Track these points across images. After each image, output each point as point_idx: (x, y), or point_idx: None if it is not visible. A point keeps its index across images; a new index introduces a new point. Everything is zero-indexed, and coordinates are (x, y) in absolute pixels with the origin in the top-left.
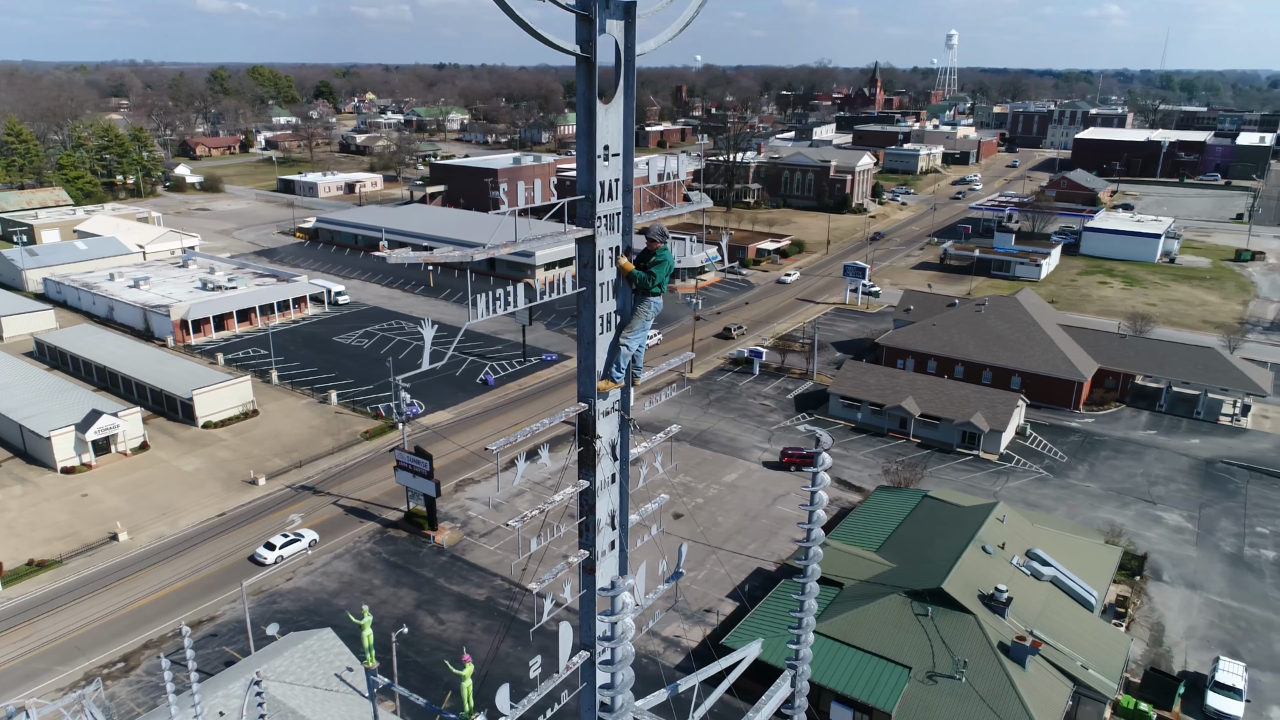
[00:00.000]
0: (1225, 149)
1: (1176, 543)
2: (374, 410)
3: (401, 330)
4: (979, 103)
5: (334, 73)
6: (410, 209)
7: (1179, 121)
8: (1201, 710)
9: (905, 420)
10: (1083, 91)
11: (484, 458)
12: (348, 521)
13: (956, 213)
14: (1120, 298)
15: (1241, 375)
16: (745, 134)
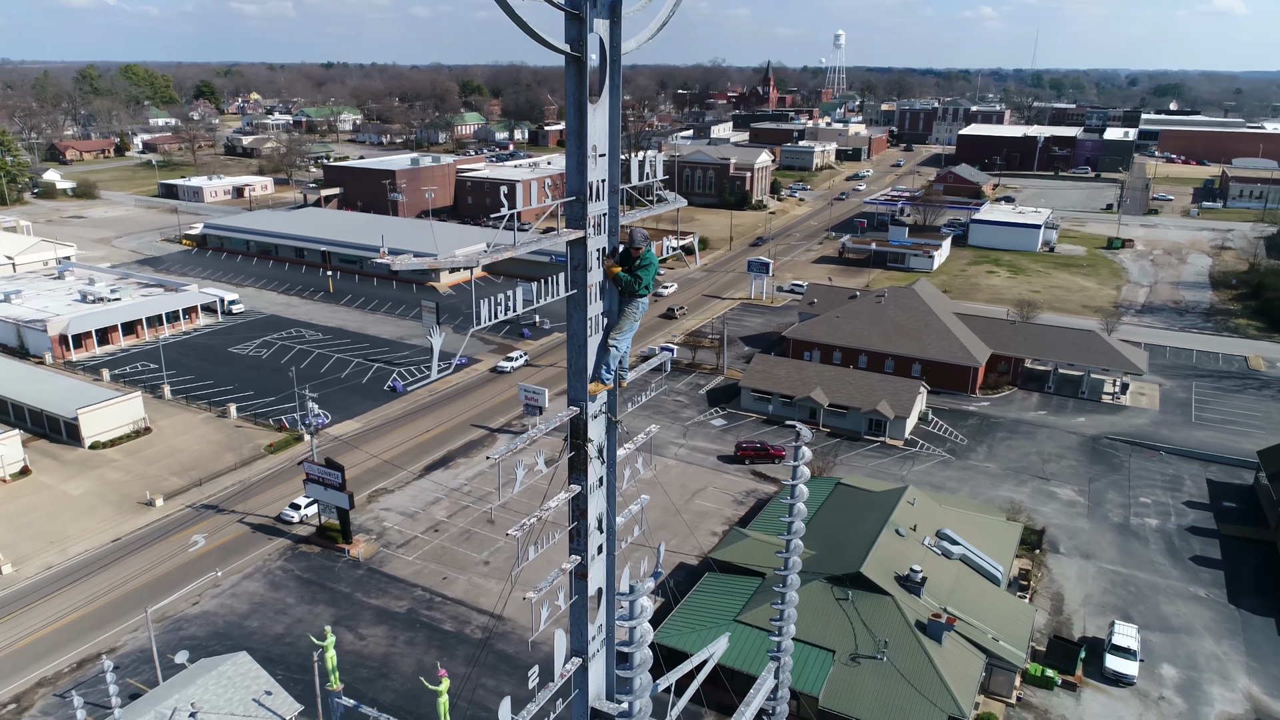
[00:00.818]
0: (1094, 144)
1: (1070, 516)
2: (278, 422)
3: (302, 338)
4: (867, 101)
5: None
6: (306, 213)
7: (1051, 118)
8: (1101, 672)
9: (815, 411)
10: (962, 90)
11: (398, 465)
12: (256, 539)
13: (852, 208)
14: (1007, 286)
15: (1120, 356)
16: (645, 133)
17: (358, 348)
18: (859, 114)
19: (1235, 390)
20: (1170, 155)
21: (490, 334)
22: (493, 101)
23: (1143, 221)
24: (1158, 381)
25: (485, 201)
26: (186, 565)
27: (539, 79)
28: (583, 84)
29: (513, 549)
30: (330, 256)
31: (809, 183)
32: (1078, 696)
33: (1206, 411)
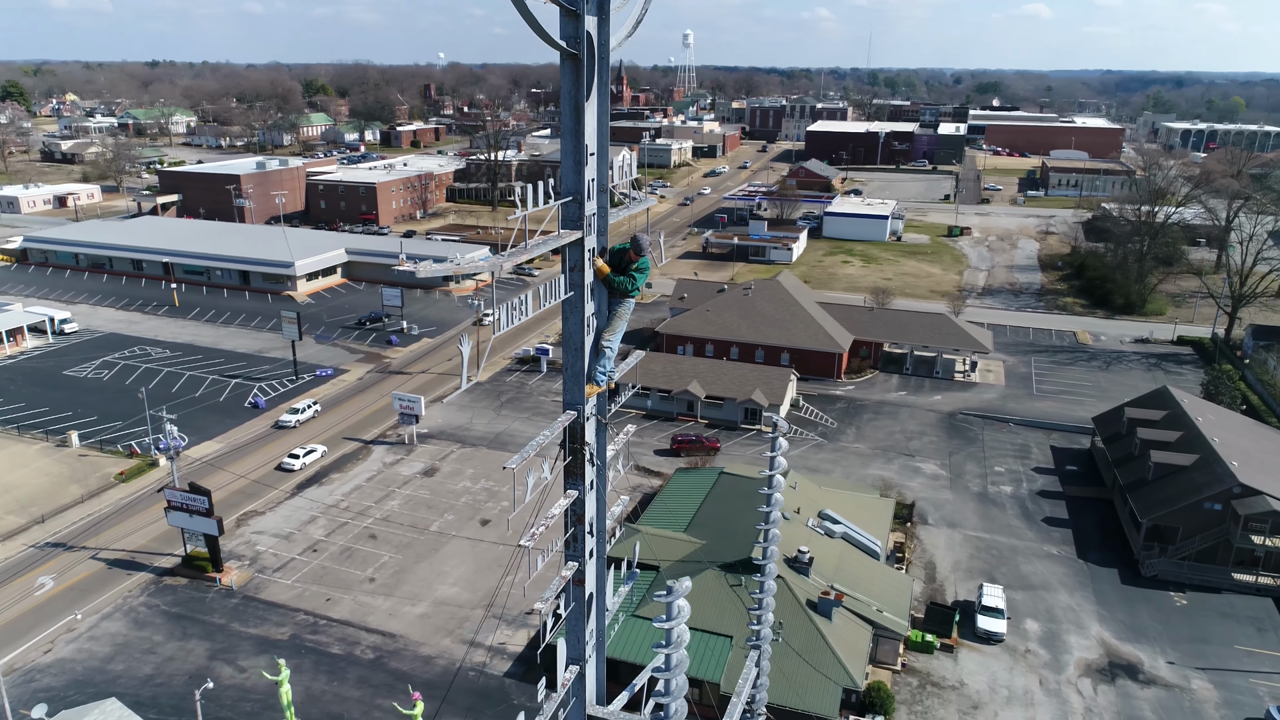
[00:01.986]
0: (930, 138)
1: (935, 489)
2: (127, 448)
3: (148, 357)
4: (718, 99)
5: (22, 70)
6: (142, 222)
7: (889, 115)
8: (974, 632)
9: (692, 403)
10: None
11: (267, 485)
12: (113, 576)
13: (712, 203)
14: (861, 274)
15: (968, 336)
16: (503, 132)
17: (212, 364)
18: (711, 112)
19: (1068, 363)
20: (996, 148)
21: (357, 343)
22: (340, 102)
23: (977, 210)
24: (1002, 359)
25: (340, 205)
26: (35, 610)
27: (387, 78)
28: (579, 82)
29: (399, 564)
30: (173, 268)
31: (668, 180)
32: (955, 657)
33: (1045, 384)
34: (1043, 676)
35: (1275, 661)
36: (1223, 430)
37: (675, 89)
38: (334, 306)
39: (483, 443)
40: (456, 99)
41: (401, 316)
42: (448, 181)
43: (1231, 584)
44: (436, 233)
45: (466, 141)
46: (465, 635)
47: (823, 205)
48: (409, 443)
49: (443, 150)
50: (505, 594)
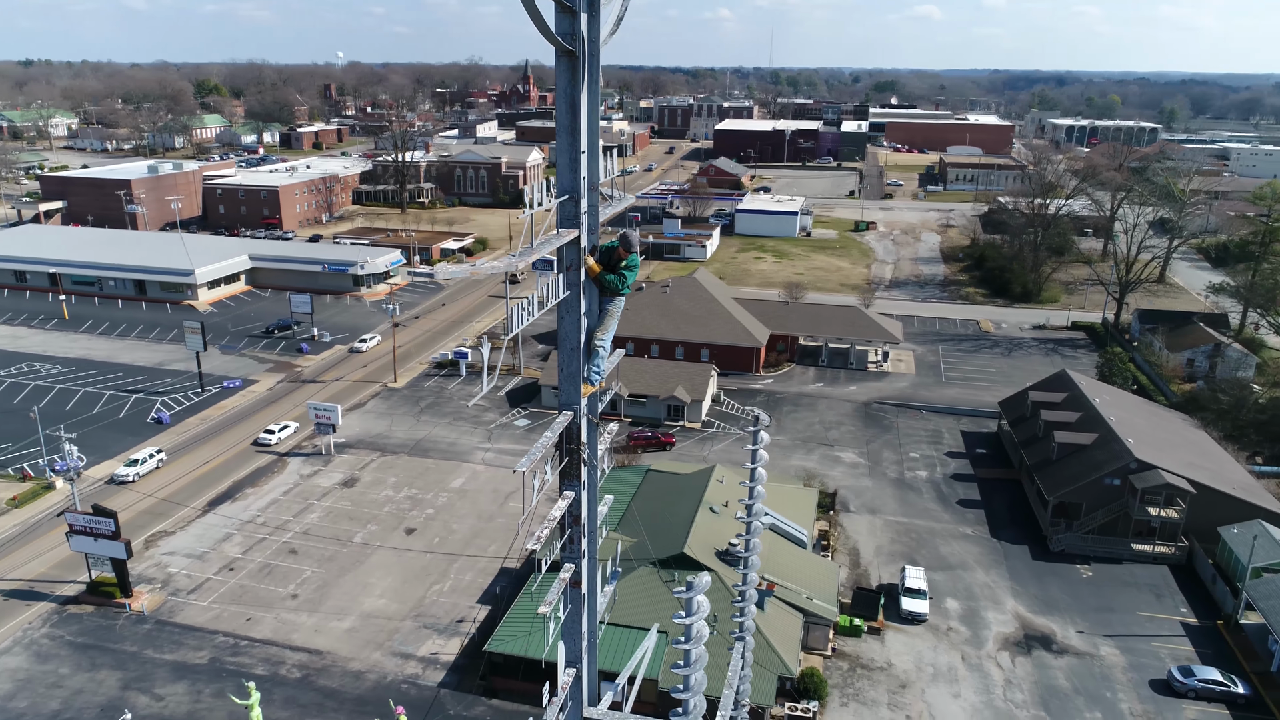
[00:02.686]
0: (834, 136)
1: (855, 476)
2: (19, 471)
3: (37, 373)
4: (626, 98)
5: None
6: (23, 231)
7: (794, 113)
8: (899, 614)
9: (616, 402)
10: (711, 87)
11: (177, 503)
12: (10, 608)
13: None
14: (774, 270)
15: (879, 328)
16: (409, 133)
17: (109, 378)
18: (620, 111)
19: (973, 351)
20: (897, 145)
21: (266, 352)
22: (235, 102)
23: (881, 205)
24: (911, 348)
25: (240, 210)
26: None
27: (284, 78)
28: (576, 79)
29: (323, 578)
30: (60, 279)
31: None
32: (882, 639)
33: (953, 371)
34: (965, 652)
35: (1173, 625)
36: (1118, 410)
37: None
38: (239, 315)
39: (403, 450)
40: (358, 99)
41: (312, 324)
42: (354, 184)
43: (1131, 554)
44: (344, 236)
45: (371, 143)
46: (396, 648)
47: (734, 203)
48: (326, 453)
49: (346, 152)
50: (435, 602)
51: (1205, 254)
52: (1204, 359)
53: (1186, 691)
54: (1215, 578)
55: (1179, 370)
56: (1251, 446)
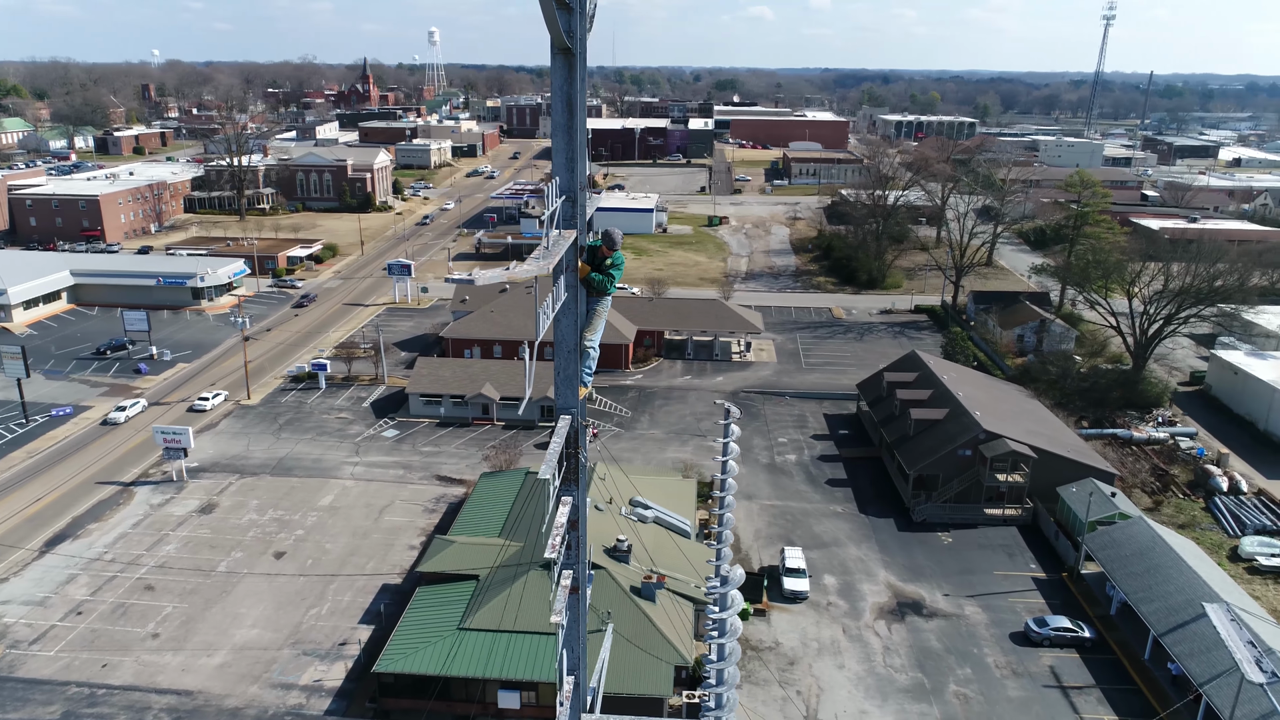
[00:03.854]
0: (682, 133)
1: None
2: None
3: None
4: (472, 97)
5: None
6: None
7: (641, 111)
8: (782, 594)
9: (488, 406)
10: None
11: (8, 546)
12: None
13: (479, 203)
14: (634, 266)
15: (741, 319)
16: (243, 135)
17: None
18: (466, 110)
19: (828, 337)
20: (742, 141)
21: (99, 375)
22: (38, 105)
23: (731, 200)
24: (772, 338)
25: (55, 222)
26: None
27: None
28: (573, 78)
29: (186, 613)
30: None
31: (430, 180)
32: (768, 620)
33: (812, 358)
34: (845, 625)
35: (1025, 581)
36: (964, 386)
37: (425, 88)
38: (63, 336)
39: (265, 470)
40: (182, 100)
41: (149, 342)
42: (185, 190)
43: (984, 519)
44: (179, 247)
45: (201, 147)
46: (275, 679)
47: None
48: (178, 479)
49: (173, 157)
50: (313, 627)
51: (1025, 238)
52: (1032, 335)
53: (1042, 640)
54: (1057, 534)
55: (1011, 346)
56: (1078, 412)
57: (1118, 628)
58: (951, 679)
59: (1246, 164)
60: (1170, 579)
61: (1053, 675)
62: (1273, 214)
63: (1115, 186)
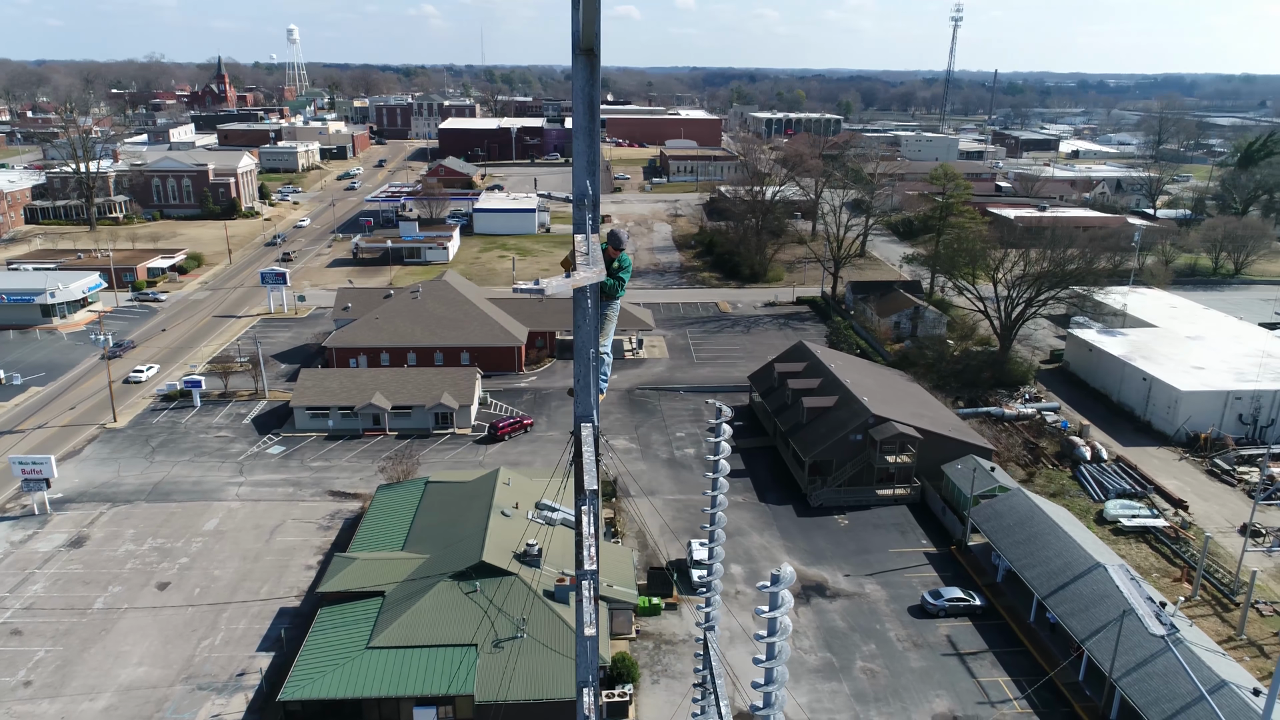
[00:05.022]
0: (559, 132)
1: (630, 461)
2: None
3: None
4: (337, 97)
5: None
6: None
7: (516, 110)
8: (691, 586)
9: (379, 416)
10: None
11: None
12: None
13: (352, 206)
14: (521, 268)
15: (632, 316)
16: (89, 139)
17: None
18: (332, 111)
19: (717, 331)
20: (618, 140)
21: None
22: None
23: (612, 199)
24: (663, 334)
25: None
26: None
27: None
28: (594, 78)
29: (62, 656)
30: None
31: (299, 184)
32: (680, 613)
33: (703, 352)
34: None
35: (919, 556)
36: (851, 373)
37: (286, 88)
38: None
39: (139, 497)
40: (13, 102)
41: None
42: (25, 200)
43: (877, 500)
44: (21, 261)
45: (40, 152)
46: (168, 718)
47: (470, 202)
48: (41, 512)
49: (7, 163)
50: (207, 659)
51: (895, 230)
52: (907, 321)
53: (937, 612)
54: (944, 510)
55: (889, 333)
56: (954, 393)
57: (1004, 594)
58: (858, 655)
59: (1084, 155)
60: (1049, 545)
61: (950, 644)
62: (1110, 201)
63: (972, 178)
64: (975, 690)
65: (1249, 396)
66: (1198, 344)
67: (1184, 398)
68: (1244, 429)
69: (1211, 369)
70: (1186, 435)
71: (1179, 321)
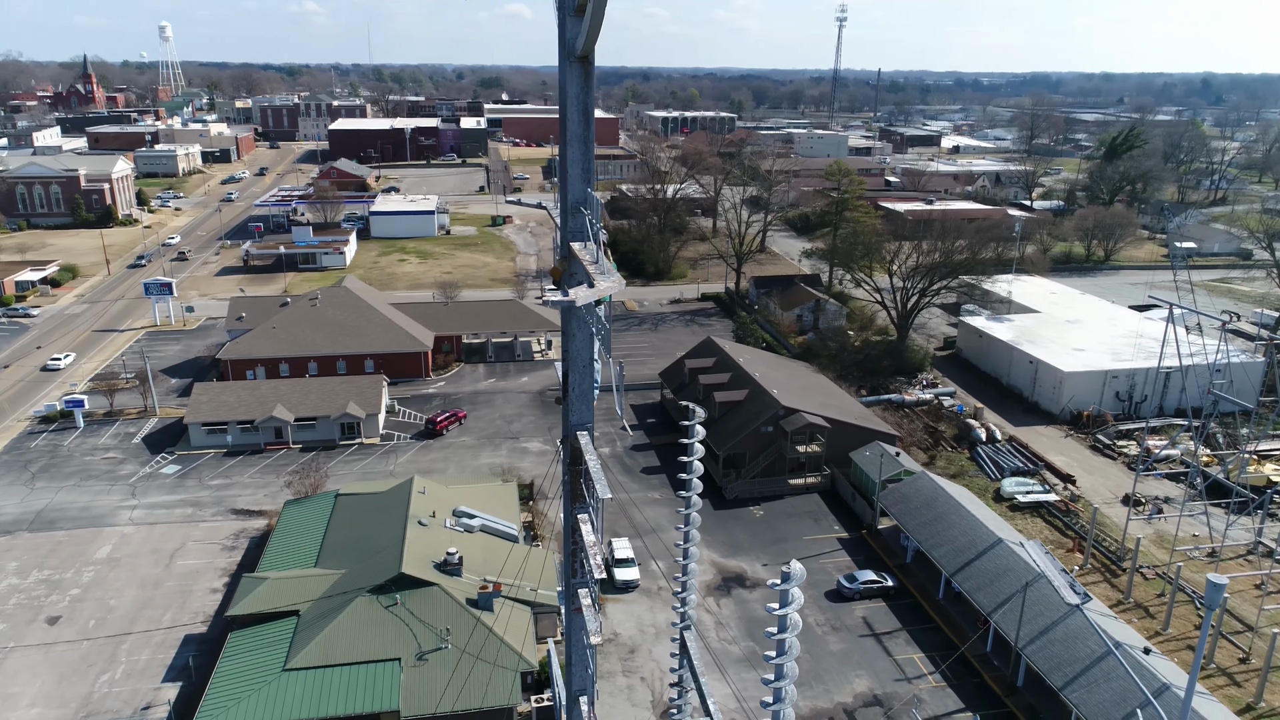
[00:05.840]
0: (455, 132)
1: (545, 464)
2: None
3: None
4: (217, 98)
5: None
6: None
7: (409, 110)
8: (614, 585)
9: (281, 429)
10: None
11: None
12: None
13: (241, 212)
14: (421, 271)
15: (539, 317)
16: None
17: None
18: (212, 112)
19: (625, 329)
20: (515, 140)
21: None
22: None
23: (511, 199)
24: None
25: None
26: None
27: None
28: (589, 86)
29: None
30: None
31: (181, 189)
32: (604, 612)
33: (612, 351)
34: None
35: (832, 542)
36: (759, 366)
37: (160, 88)
38: None
39: (20, 527)
40: None
41: None
42: None
43: (789, 489)
44: None
45: None
46: None
47: (366, 205)
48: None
49: None
50: (107, 694)
51: (792, 225)
52: (809, 314)
53: (853, 594)
54: (854, 495)
55: (792, 326)
56: (857, 382)
57: (915, 574)
58: None
59: (964, 151)
60: (953, 524)
61: (866, 625)
62: (991, 194)
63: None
64: (892, 668)
65: (1125, 375)
66: (1076, 327)
67: (1067, 378)
68: (1121, 405)
69: (1090, 350)
70: (1071, 414)
71: (1059, 307)
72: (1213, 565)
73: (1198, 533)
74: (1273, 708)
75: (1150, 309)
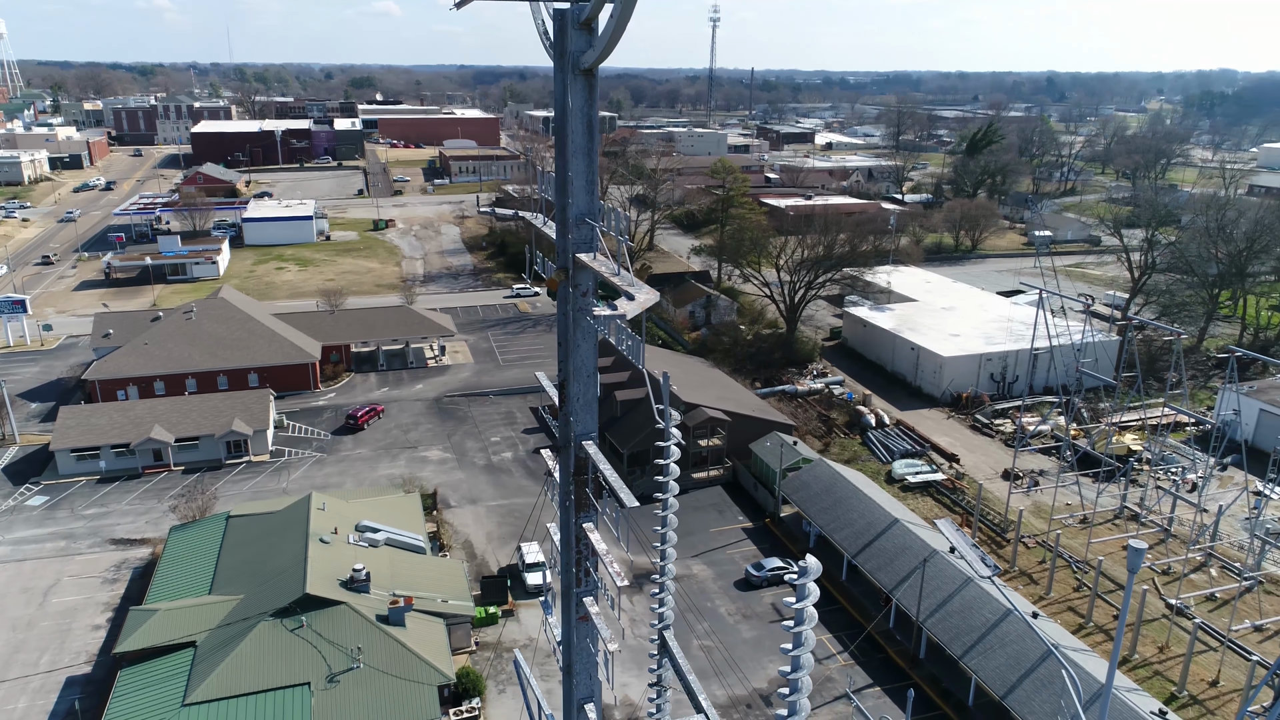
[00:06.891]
0: (328, 134)
1: (446, 471)
2: None
3: None
4: (62, 99)
5: None
6: None
7: (277, 112)
8: (525, 590)
9: (160, 451)
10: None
11: None
12: None
13: (99, 221)
14: (302, 279)
15: (431, 323)
16: None
17: None
18: (58, 115)
19: (519, 332)
20: (393, 141)
21: None
22: None
23: (394, 202)
24: (465, 338)
25: None
26: None
27: None
28: (593, 98)
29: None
30: None
31: (27, 199)
32: (518, 619)
33: (508, 354)
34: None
35: (737, 533)
36: (656, 363)
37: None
38: None
39: None
40: None
41: None
42: None
43: (694, 483)
44: None
45: None
46: None
47: (238, 211)
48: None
49: None
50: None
51: (678, 222)
52: (701, 310)
53: (761, 582)
54: (756, 485)
55: (686, 322)
56: (751, 375)
57: (818, 557)
58: (693, 635)
59: (837, 147)
60: (852, 508)
61: (775, 611)
62: (865, 188)
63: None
64: None
65: (998, 358)
66: (952, 314)
67: (946, 363)
68: (995, 386)
69: (965, 335)
70: (951, 396)
71: (934, 295)
72: (1086, 531)
73: (1070, 501)
74: (1144, 658)
75: (1017, 294)
